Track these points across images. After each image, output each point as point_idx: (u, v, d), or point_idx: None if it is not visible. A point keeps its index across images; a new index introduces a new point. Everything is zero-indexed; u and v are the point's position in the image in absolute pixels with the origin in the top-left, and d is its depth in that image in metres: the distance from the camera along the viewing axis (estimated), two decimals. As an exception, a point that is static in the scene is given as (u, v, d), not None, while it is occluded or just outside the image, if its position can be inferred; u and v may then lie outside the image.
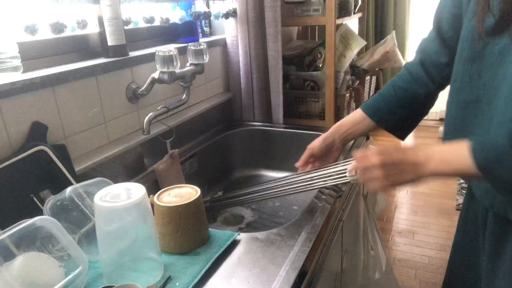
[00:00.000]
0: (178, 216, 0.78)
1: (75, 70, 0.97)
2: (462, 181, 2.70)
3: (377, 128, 0.99)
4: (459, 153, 0.68)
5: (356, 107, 1.44)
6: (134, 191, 0.71)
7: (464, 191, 2.57)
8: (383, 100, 0.98)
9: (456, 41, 0.79)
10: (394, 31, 2.11)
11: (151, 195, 0.80)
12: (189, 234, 0.79)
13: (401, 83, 0.96)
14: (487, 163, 0.65)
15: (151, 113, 1.10)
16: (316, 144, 1.01)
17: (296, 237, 0.82)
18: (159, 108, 1.17)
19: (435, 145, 0.73)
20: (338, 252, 1.09)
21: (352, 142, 1.34)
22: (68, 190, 0.78)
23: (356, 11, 1.95)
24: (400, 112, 0.96)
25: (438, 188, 2.76)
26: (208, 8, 1.55)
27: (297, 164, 1.03)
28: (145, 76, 1.16)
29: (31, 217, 0.67)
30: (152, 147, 1.22)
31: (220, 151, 1.50)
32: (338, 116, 1.66)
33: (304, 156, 1.02)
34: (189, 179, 1.30)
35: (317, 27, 2.25)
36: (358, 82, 1.95)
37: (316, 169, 0.96)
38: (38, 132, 0.89)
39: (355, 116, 1.02)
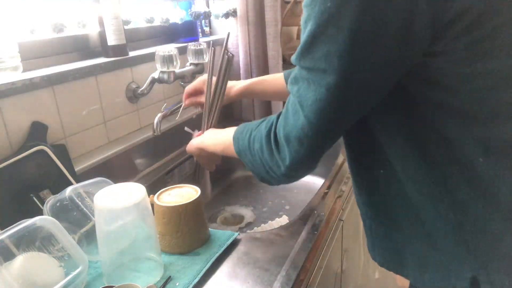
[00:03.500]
0: (178, 216, 0.78)
1: (75, 69, 0.97)
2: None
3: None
4: (227, 139, 0.82)
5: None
6: (134, 191, 0.71)
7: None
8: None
9: None
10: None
11: (151, 195, 0.80)
12: (189, 234, 0.79)
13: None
14: (239, 152, 0.77)
15: (159, 114, 1.11)
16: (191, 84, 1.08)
17: (296, 237, 0.82)
18: (165, 109, 1.17)
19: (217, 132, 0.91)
20: (338, 252, 1.09)
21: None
22: (68, 190, 0.78)
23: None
24: None
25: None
26: (208, 8, 1.55)
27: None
28: (145, 75, 1.16)
29: (31, 217, 0.67)
30: (153, 147, 1.21)
31: (220, 151, 1.50)
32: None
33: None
34: (189, 179, 1.30)
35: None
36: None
37: None
38: (38, 132, 0.89)
39: (274, 75, 1.09)
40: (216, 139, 0.89)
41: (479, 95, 0.55)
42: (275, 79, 1.06)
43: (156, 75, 1.13)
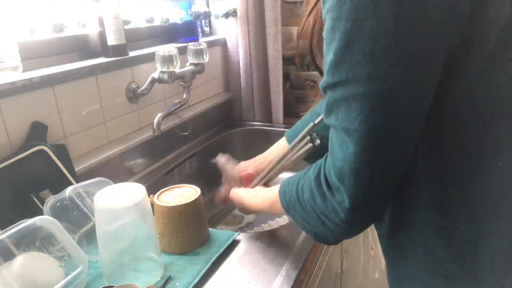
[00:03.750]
0: (178, 216, 0.78)
1: (75, 69, 0.97)
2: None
3: None
4: (273, 195, 0.73)
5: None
6: (134, 191, 0.71)
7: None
8: (301, 126, 0.96)
9: None
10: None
11: (151, 195, 0.80)
12: (189, 234, 0.79)
13: (318, 109, 0.94)
14: (287, 206, 0.67)
15: (159, 114, 1.11)
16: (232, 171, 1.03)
17: (296, 237, 0.82)
18: (167, 109, 1.17)
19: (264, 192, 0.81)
20: (338, 252, 1.09)
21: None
22: (68, 190, 0.78)
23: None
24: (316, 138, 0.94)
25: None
26: (208, 8, 1.55)
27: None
28: (145, 75, 1.16)
29: (31, 217, 0.67)
30: (153, 147, 1.22)
31: (220, 151, 1.49)
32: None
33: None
34: (189, 179, 1.30)
35: (317, 27, 2.25)
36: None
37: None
38: (38, 132, 0.88)
39: (276, 144, 1.02)
40: (262, 198, 0.81)
41: (498, 93, 0.50)
42: (276, 149, 1.00)
43: (156, 75, 1.13)
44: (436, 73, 0.50)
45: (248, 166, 0.99)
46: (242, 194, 0.86)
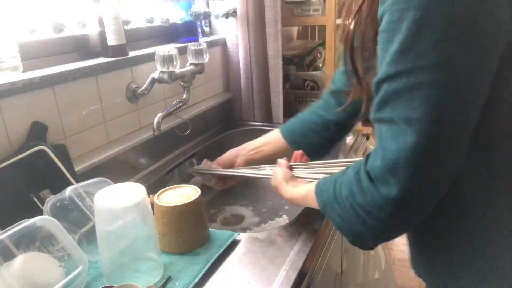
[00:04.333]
0: (178, 216, 0.78)
1: (75, 70, 0.97)
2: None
3: (289, 149, 0.99)
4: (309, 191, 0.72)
5: (356, 107, 1.44)
6: (134, 191, 0.71)
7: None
8: (299, 123, 1.00)
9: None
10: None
11: (151, 195, 0.80)
12: (189, 234, 0.79)
13: (316, 108, 0.98)
14: (324, 206, 0.65)
15: (159, 114, 1.11)
16: (222, 157, 1.10)
17: (296, 237, 0.82)
18: (167, 109, 1.17)
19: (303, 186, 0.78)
20: (338, 252, 1.09)
21: (352, 142, 1.34)
22: (68, 190, 0.78)
23: (356, 11, 1.94)
24: (312, 136, 0.97)
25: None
26: (208, 8, 1.55)
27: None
28: (145, 75, 1.16)
29: (31, 217, 0.67)
30: (153, 147, 1.22)
31: (220, 151, 1.49)
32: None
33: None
34: (189, 179, 1.30)
35: (317, 27, 2.25)
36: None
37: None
38: (38, 132, 0.88)
39: (270, 136, 1.05)
40: (298, 191, 0.78)
41: None
42: (270, 141, 1.04)
43: (156, 75, 1.13)
44: (495, 65, 0.50)
45: (240, 151, 1.05)
46: (282, 178, 0.83)
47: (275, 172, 0.86)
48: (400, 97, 0.50)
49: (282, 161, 0.88)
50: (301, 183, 0.81)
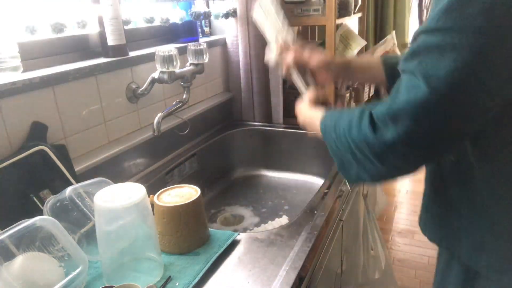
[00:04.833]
0: (178, 216, 0.78)
1: (75, 70, 0.97)
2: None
3: (380, 84, 0.90)
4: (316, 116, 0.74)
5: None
6: (134, 191, 0.71)
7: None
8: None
9: None
10: (394, 31, 2.11)
11: (151, 195, 0.80)
12: (189, 234, 0.79)
13: None
14: (324, 129, 0.69)
15: (159, 114, 1.11)
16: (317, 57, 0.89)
17: (296, 237, 0.82)
18: (167, 109, 1.17)
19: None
20: (338, 252, 1.09)
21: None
22: (68, 190, 0.78)
23: (356, 11, 1.95)
24: None
25: (438, 188, 2.75)
26: (208, 8, 1.55)
27: None
28: (145, 76, 1.16)
29: (31, 217, 0.67)
30: (153, 147, 1.22)
31: (220, 151, 1.50)
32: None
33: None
34: (189, 179, 1.30)
35: (317, 27, 2.25)
36: (358, 82, 1.94)
37: None
38: (38, 132, 0.88)
39: (371, 61, 0.92)
40: (310, 114, 0.79)
41: None
42: (371, 61, 0.93)
43: (156, 75, 1.13)
44: None
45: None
46: (307, 100, 0.83)
47: (299, 105, 0.86)
48: (430, 52, 0.50)
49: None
50: (314, 110, 0.80)
